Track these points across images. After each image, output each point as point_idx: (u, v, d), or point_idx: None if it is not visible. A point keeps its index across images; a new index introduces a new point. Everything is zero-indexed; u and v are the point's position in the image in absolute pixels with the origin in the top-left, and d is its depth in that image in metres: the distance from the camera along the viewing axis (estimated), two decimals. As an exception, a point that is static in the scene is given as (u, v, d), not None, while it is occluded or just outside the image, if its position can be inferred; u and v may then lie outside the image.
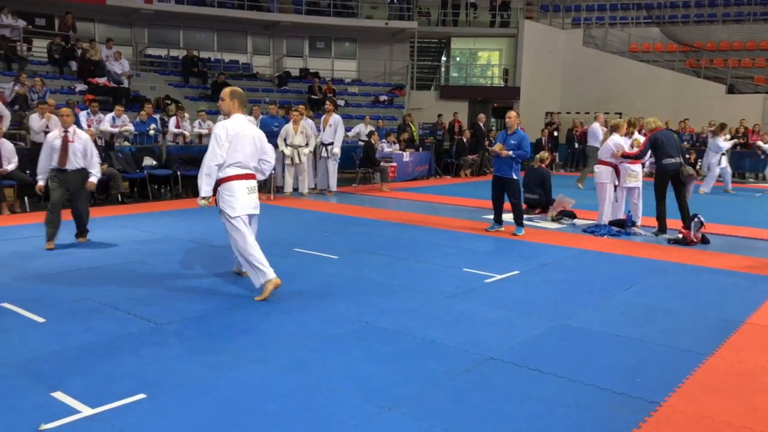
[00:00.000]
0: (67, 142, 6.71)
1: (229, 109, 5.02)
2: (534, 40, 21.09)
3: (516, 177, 7.79)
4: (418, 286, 5.30)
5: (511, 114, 7.95)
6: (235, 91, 5.07)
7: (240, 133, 4.89)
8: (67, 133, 6.75)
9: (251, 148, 4.97)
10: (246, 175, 4.97)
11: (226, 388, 3.25)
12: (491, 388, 3.35)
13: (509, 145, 7.70)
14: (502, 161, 7.77)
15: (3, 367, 3.44)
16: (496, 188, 7.97)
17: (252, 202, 4.97)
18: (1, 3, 15.04)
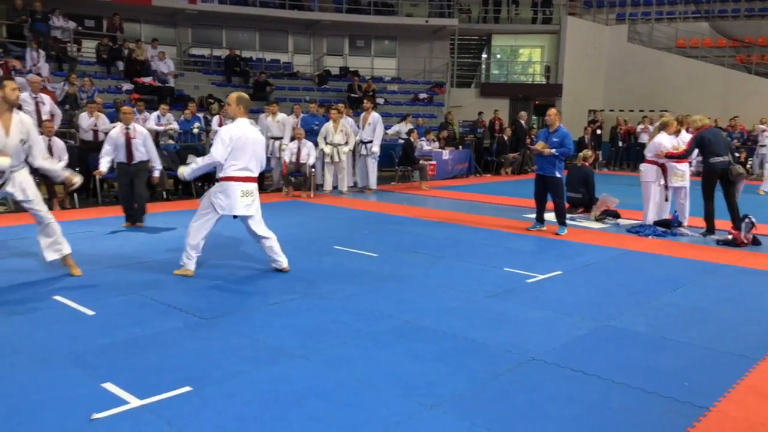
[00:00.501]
0: (129, 139, 7.44)
1: (234, 113, 5.34)
2: (577, 37, 20.73)
3: (559, 175, 7.66)
4: (459, 285, 5.27)
5: (551, 111, 7.82)
6: (241, 97, 5.37)
7: (243, 138, 5.21)
8: (129, 130, 7.46)
9: (253, 152, 5.30)
10: (245, 177, 5.27)
11: (269, 382, 3.30)
12: (534, 389, 3.31)
13: (551, 143, 7.58)
14: (545, 160, 7.65)
15: (56, 358, 3.56)
16: (539, 187, 7.86)
17: (243, 203, 5.25)
18: (53, 5, 15.53)
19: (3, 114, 4.96)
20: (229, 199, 5.21)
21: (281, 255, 5.60)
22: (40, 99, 9.61)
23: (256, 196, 5.38)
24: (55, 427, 2.79)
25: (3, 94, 4.92)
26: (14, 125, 4.97)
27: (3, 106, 4.96)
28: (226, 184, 5.22)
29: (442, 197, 11.40)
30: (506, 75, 23.50)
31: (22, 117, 5.09)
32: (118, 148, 7.46)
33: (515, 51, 24.85)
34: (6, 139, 4.92)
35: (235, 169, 5.20)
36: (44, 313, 4.35)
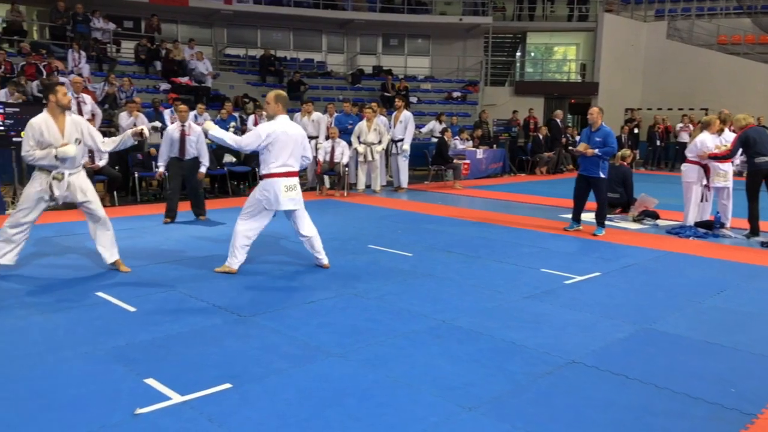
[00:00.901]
0: (184, 135, 7.89)
1: (273, 111, 5.44)
2: (614, 34, 20.38)
3: (603, 176, 7.49)
4: (495, 286, 5.23)
5: (593, 110, 7.68)
6: (279, 95, 5.48)
7: (283, 134, 5.32)
8: (184, 127, 7.92)
9: (293, 147, 5.40)
10: (287, 173, 5.38)
11: (308, 381, 3.31)
12: (574, 392, 3.26)
13: (594, 143, 7.44)
14: (589, 160, 7.49)
15: (99, 353, 3.64)
16: (580, 187, 7.73)
17: (288, 197, 5.36)
18: (93, 7, 15.88)
19: (57, 117, 5.18)
20: (274, 195, 5.31)
21: (322, 252, 5.68)
22: (82, 99, 9.83)
23: (298, 191, 5.48)
24: (101, 421, 2.85)
25: (56, 99, 5.14)
26: (68, 127, 5.18)
27: (56, 110, 5.17)
28: (269, 181, 5.34)
29: (475, 197, 11.33)
30: (541, 73, 23.24)
31: (74, 118, 5.31)
32: (172, 144, 7.93)
33: (550, 49, 24.56)
34: (63, 141, 5.13)
35: (276, 165, 5.32)
36: (87, 309, 4.45)
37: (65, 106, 5.20)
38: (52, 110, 5.18)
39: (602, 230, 7.60)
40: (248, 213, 5.46)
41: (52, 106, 5.17)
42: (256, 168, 11.15)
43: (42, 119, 5.14)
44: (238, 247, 5.43)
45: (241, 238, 5.43)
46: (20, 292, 4.84)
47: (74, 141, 5.19)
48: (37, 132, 5.08)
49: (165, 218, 7.97)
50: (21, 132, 8.62)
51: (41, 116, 5.17)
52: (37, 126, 5.09)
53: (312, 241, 5.62)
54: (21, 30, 15.05)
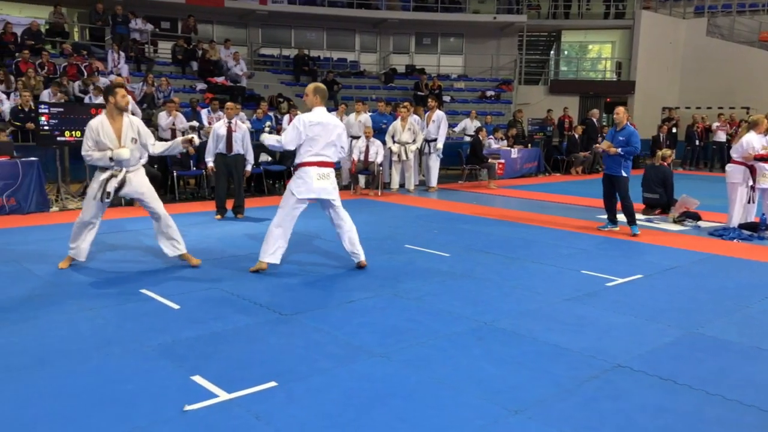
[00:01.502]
0: (231, 132, 8.15)
1: (312, 103, 5.51)
2: (651, 32, 20.01)
3: (626, 175, 7.52)
4: (535, 288, 5.17)
5: (619, 110, 7.70)
6: (317, 87, 5.54)
7: (318, 125, 5.36)
8: (231, 124, 8.17)
9: (328, 138, 5.42)
10: (320, 162, 5.41)
11: (352, 380, 3.32)
12: (621, 397, 3.21)
13: (617, 142, 7.46)
14: (612, 159, 7.55)
15: (147, 349, 3.70)
16: (606, 187, 7.76)
17: (320, 186, 5.39)
18: (132, 8, 16.18)
19: (115, 119, 5.33)
20: (306, 182, 5.35)
21: (359, 248, 5.67)
22: (123, 99, 9.98)
23: (333, 180, 5.49)
24: (151, 417, 2.90)
25: (114, 101, 5.30)
26: (125, 127, 5.33)
27: (114, 111, 5.33)
28: (302, 170, 5.40)
29: (510, 196, 11.23)
30: (575, 72, 22.94)
31: (131, 119, 5.45)
32: (219, 140, 8.16)
33: (584, 47, 24.23)
34: (119, 143, 5.29)
35: (310, 154, 5.37)
36: (133, 305, 4.53)
37: (123, 108, 5.34)
38: (110, 112, 5.35)
39: (637, 229, 7.54)
40: (282, 207, 5.49)
41: (111, 107, 5.33)
42: (291, 167, 11.25)
43: (99, 121, 5.31)
44: (270, 242, 5.45)
45: (275, 236, 5.44)
46: (68, 288, 4.95)
47: (130, 141, 5.34)
48: (95, 133, 5.26)
49: (217, 214, 8.26)
50: (65, 131, 8.86)
51: (99, 118, 5.35)
52: (95, 127, 5.27)
53: (350, 235, 5.61)
54: (63, 31, 15.40)
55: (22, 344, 3.78)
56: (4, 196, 8.07)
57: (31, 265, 5.61)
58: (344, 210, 5.65)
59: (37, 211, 8.34)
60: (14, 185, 8.13)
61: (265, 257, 5.47)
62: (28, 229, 7.32)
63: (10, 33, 13.80)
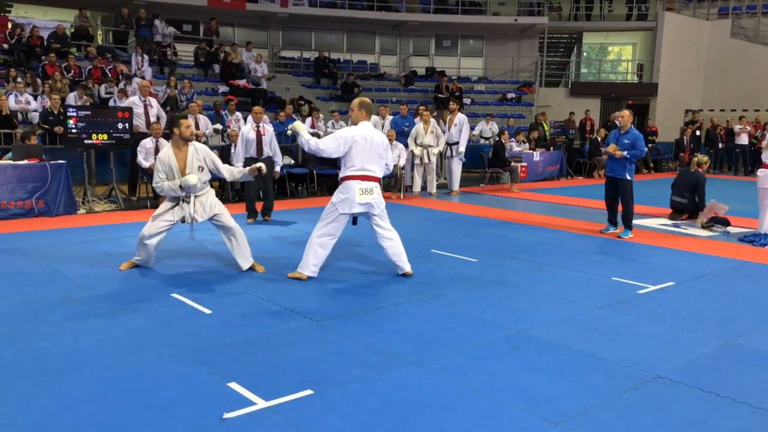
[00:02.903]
0: (260, 135, 8.14)
1: (357, 118, 5.49)
2: (674, 33, 19.80)
3: (630, 178, 7.61)
4: (567, 295, 5.12)
5: (624, 113, 7.84)
6: (363, 102, 5.52)
7: (362, 140, 5.31)
8: (259, 127, 8.15)
9: (373, 153, 5.37)
10: (363, 176, 5.35)
11: (389, 389, 3.30)
12: (663, 409, 3.15)
13: (622, 145, 7.54)
14: (616, 162, 7.64)
15: (181, 355, 3.70)
16: (609, 190, 7.84)
17: (362, 201, 5.32)
18: (155, 11, 16.31)
19: (180, 148, 5.44)
20: (348, 197, 5.31)
21: (403, 258, 5.58)
22: (149, 102, 10.08)
23: (376, 195, 5.41)
24: (190, 424, 2.89)
25: (179, 132, 5.42)
26: (190, 156, 5.44)
27: (179, 141, 5.44)
28: (344, 184, 5.36)
29: (533, 200, 11.15)
30: (596, 74, 22.77)
31: (196, 146, 5.54)
32: (248, 144, 8.12)
33: (604, 49, 24.04)
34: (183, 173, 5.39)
35: (354, 169, 5.32)
36: (165, 310, 4.54)
37: (187, 139, 5.44)
38: (176, 142, 5.46)
39: (629, 233, 7.63)
40: (324, 220, 5.46)
41: (176, 138, 5.45)
42: (313, 170, 11.27)
43: (164, 153, 5.46)
44: (311, 255, 5.43)
45: (315, 246, 5.42)
46: (99, 291, 4.98)
47: (197, 169, 5.43)
48: (164, 166, 5.41)
49: (248, 218, 8.27)
50: (92, 134, 8.94)
51: (167, 149, 5.51)
52: (165, 160, 5.41)
53: (394, 250, 5.54)
54: (88, 35, 15.57)
55: (58, 348, 3.80)
56: (33, 198, 8.16)
57: (62, 268, 5.66)
58: (388, 222, 5.55)
59: (65, 213, 8.42)
60: (43, 188, 8.21)
61: (306, 270, 5.43)
62: (57, 232, 7.39)
63: (37, 36, 13.97)
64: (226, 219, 5.62)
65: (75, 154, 9.40)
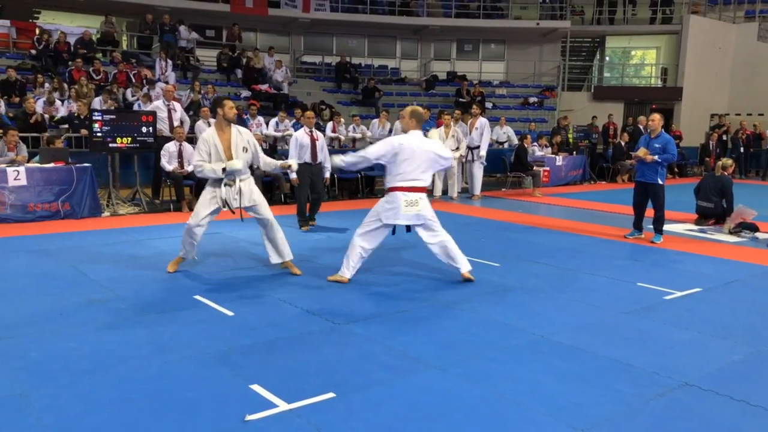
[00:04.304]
0: (314, 141, 8.00)
1: (407, 126, 5.39)
2: (699, 36, 19.55)
3: (661, 182, 7.48)
4: (591, 300, 5.04)
5: (655, 117, 7.72)
6: (414, 111, 5.42)
7: (410, 149, 5.22)
8: (313, 132, 8.03)
9: (421, 162, 5.26)
10: (410, 188, 5.27)
11: (411, 393, 3.27)
12: (692, 418, 3.08)
13: (653, 150, 7.42)
14: (647, 166, 7.49)
15: (204, 357, 3.71)
16: (638, 194, 7.71)
17: (408, 213, 5.26)
18: (179, 17, 16.50)
19: (224, 130, 5.41)
20: (394, 209, 5.26)
21: (459, 260, 5.49)
22: (172, 106, 10.19)
23: (423, 205, 5.33)
24: (213, 426, 2.89)
25: (222, 112, 5.38)
26: (234, 138, 5.39)
27: (223, 122, 5.41)
28: (391, 195, 5.29)
29: (555, 204, 11.06)
30: (619, 78, 22.54)
31: (240, 129, 5.50)
32: (302, 150, 7.95)
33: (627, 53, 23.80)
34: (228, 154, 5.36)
35: (401, 179, 5.24)
36: (188, 312, 4.56)
37: (231, 120, 5.41)
38: (219, 123, 5.45)
39: (660, 238, 7.52)
40: (367, 225, 5.41)
41: (219, 119, 5.44)
42: (335, 174, 11.28)
43: (210, 133, 5.42)
44: (353, 259, 5.41)
45: (357, 252, 5.40)
46: (123, 292, 5.02)
47: (242, 150, 5.41)
48: (207, 146, 5.36)
49: (302, 226, 8.07)
50: (117, 138, 9.04)
51: (210, 130, 5.47)
52: (208, 139, 5.38)
53: (445, 249, 5.47)
54: (113, 40, 15.79)
55: (82, 349, 3.84)
56: (59, 201, 8.28)
57: (87, 270, 5.72)
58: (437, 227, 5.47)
59: (89, 216, 8.52)
60: (69, 190, 8.33)
61: (347, 273, 5.43)
62: (82, 234, 7.48)
63: (64, 42, 14.21)
64: (264, 210, 5.55)
65: (100, 157, 9.53)
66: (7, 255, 6.31)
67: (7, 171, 7.98)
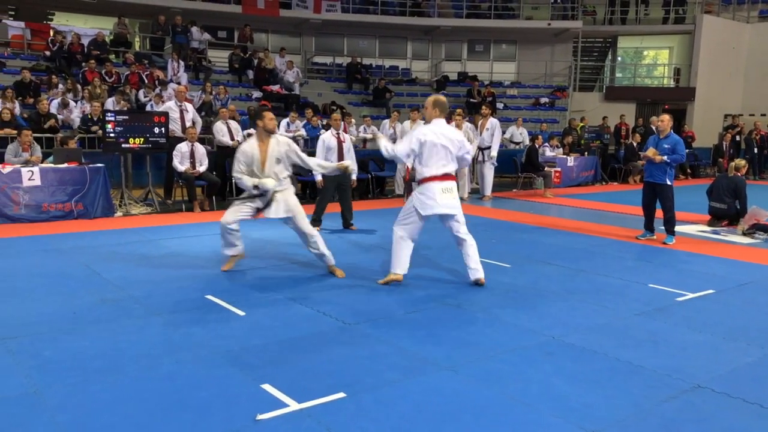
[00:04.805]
0: (341, 143, 7.98)
1: (431, 116, 5.31)
2: (713, 36, 19.40)
3: (670, 183, 7.46)
4: (603, 301, 5.02)
5: (664, 117, 7.68)
6: (437, 100, 5.31)
7: (434, 138, 5.18)
8: (339, 134, 8.01)
9: (447, 150, 5.23)
10: (442, 176, 5.23)
11: (421, 394, 3.27)
12: (704, 420, 3.06)
13: (662, 150, 7.40)
14: (655, 166, 7.48)
15: (216, 357, 3.73)
16: (647, 195, 7.69)
17: (445, 201, 5.22)
18: (190, 17, 16.59)
19: (263, 141, 5.42)
20: (431, 198, 5.20)
21: (477, 264, 5.41)
22: (184, 107, 10.25)
23: (456, 194, 5.32)
24: (224, 425, 2.91)
25: (263, 124, 5.40)
26: (271, 148, 5.39)
27: (263, 134, 5.42)
28: (424, 186, 5.25)
29: (567, 205, 11.01)
30: (630, 78, 22.41)
31: (279, 138, 5.50)
32: (329, 152, 7.93)
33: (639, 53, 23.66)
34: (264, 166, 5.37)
35: (431, 169, 5.20)
36: (199, 311, 4.59)
37: (271, 131, 5.42)
38: (260, 134, 5.46)
39: (672, 239, 7.49)
40: (404, 220, 5.38)
41: (260, 130, 5.45)
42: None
43: (249, 145, 5.45)
44: (403, 254, 5.36)
45: (403, 244, 5.34)
46: (136, 292, 5.06)
47: (275, 162, 5.40)
48: (246, 157, 5.39)
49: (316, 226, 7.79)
50: (129, 138, 9.11)
51: (251, 141, 5.49)
52: (247, 151, 5.41)
53: (468, 250, 5.42)
54: (126, 42, 15.91)
55: (95, 348, 3.87)
56: (72, 201, 8.36)
57: (100, 269, 5.77)
58: (464, 223, 5.44)
59: (102, 216, 8.60)
60: (82, 190, 8.41)
61: (401, 269, 5.38)
62: (94, 234, 7.54)
63: (78, 44, 14.33)
64: (301, 223, 5.51)
65: (112, 157, 9.60)
66: (21, 254, 6.37)
67: (21, 171, 8.06)
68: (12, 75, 12.97)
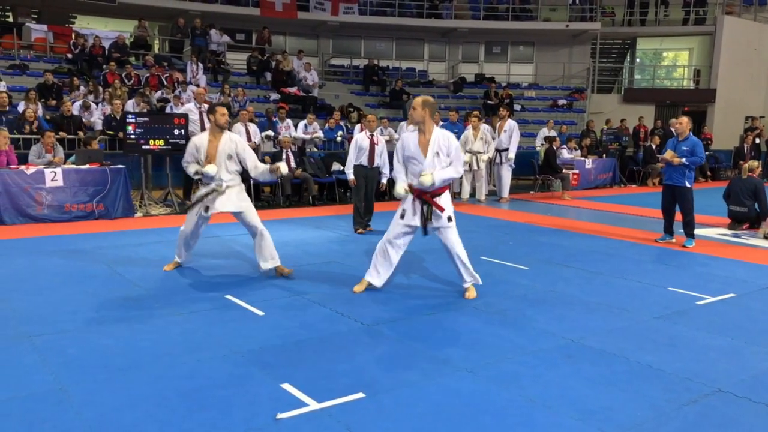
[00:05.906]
0: (373, 144, 7.97)
1: (420, 117, 4.92)
2: (734, 38, 19.18)
3: (689, 185, 7.38)
4: (622, 304, 5.00)
5: (683, 120, 7.61)
6: (426, 101, 4.95)
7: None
8: (373, 136, 8.00)
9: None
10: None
11: (440, 395, 3.28)
12: (726, 425, 3.04)
13: (681, 152, 7.34)
14: (674, 169, 7.42)
15: (236, 356, 3.77)
16: (666, 197, 7.62)
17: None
18: (209, 20, 16.73)
19: (215, 136, 5.55)
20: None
21: (467, 271, 5.14)
22: (204, 109, 10.32)
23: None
24: (245, 424, 2.94)
25: (214, 119, 5.53)
26: (222, 144, 5.50)
27: (215, 129, 5.56)
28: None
29: (584, 208, 10.95)
30: (649, 80, 22.21)
31: (231, 136, 5.61)
32: (360, 152, 7.96)
33: (658, 55, 23.45)
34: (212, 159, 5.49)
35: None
36: (220, 311, 4.64)
37: (221, 126, 5.53)
38: (212, 129, 5.59)
39: (692, 242, 7.44)
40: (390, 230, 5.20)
41: (212, 125, 5.58)
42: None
43: (200, 137, 5.63)
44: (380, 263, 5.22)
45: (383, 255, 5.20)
46: (157, 292, 5.12)
47: (226, 157, 5.50)
48: (192, 148, 5.61)
49: (358, 229, 7.97)
50: (149, 140, 9.23)
51: (202, 134, 5.68)
52: (194, 143, 5.61)
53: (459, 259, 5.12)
54: (146, 44, 16.09)
55: (117, 346, 3.92)
56: (94, 201, 8.47)
57: (121, 269, 5.85)
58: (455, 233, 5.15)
59: (123, 216, 8.70)
60: (103, 191, 8.52)
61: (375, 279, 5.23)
62: (116, 234, 7.64)
63: (99, 46, 14.52)
64: (249, 217, 5.57)
65: (133, 159, 9.71)
66: (44, 254, 6.47)
67: (44, 172, 8.19)
68: (35, 77, 13.17)
